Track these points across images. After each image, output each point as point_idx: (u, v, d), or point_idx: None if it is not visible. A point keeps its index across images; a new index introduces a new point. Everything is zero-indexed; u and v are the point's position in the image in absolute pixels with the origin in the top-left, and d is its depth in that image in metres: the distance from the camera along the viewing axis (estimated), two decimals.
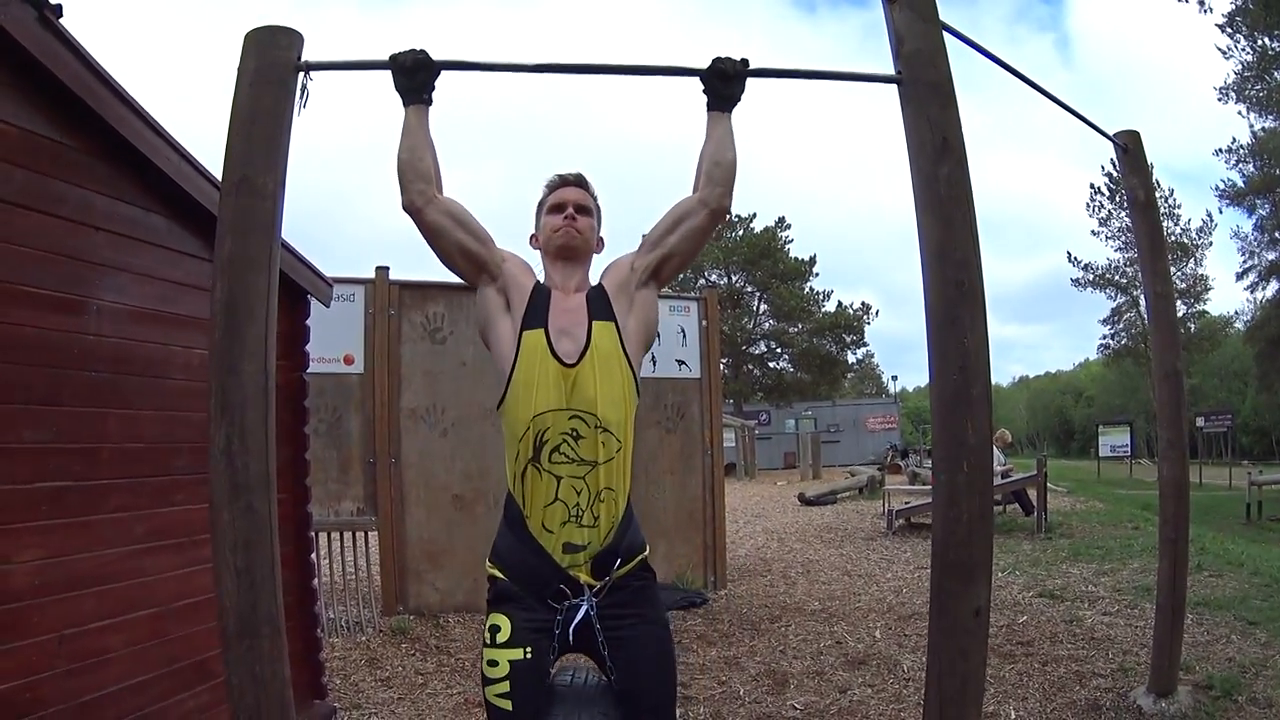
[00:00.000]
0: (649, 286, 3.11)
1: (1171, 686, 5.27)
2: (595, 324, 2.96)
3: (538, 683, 2.86)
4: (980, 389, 3.08)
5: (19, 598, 3.56)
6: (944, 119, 3.15)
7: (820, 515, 18.79)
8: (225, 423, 2.80)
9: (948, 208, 3.13)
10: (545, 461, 2.85)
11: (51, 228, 3.74)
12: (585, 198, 3.18)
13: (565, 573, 2.86)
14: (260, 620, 2.81)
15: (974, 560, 3.05)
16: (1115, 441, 37.30)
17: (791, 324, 47.71)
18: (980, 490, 3.08)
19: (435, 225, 2.98)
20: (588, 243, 3.15)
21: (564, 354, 2.89)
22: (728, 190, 3.05)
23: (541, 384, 2.87)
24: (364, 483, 8.54)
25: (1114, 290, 44.26)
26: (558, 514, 2.85)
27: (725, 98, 3.10)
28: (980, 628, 3.06)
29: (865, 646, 7.15)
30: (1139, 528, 13.86)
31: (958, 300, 3.10)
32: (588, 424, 2.85)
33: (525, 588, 2.89)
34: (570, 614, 2.85)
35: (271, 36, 2.98)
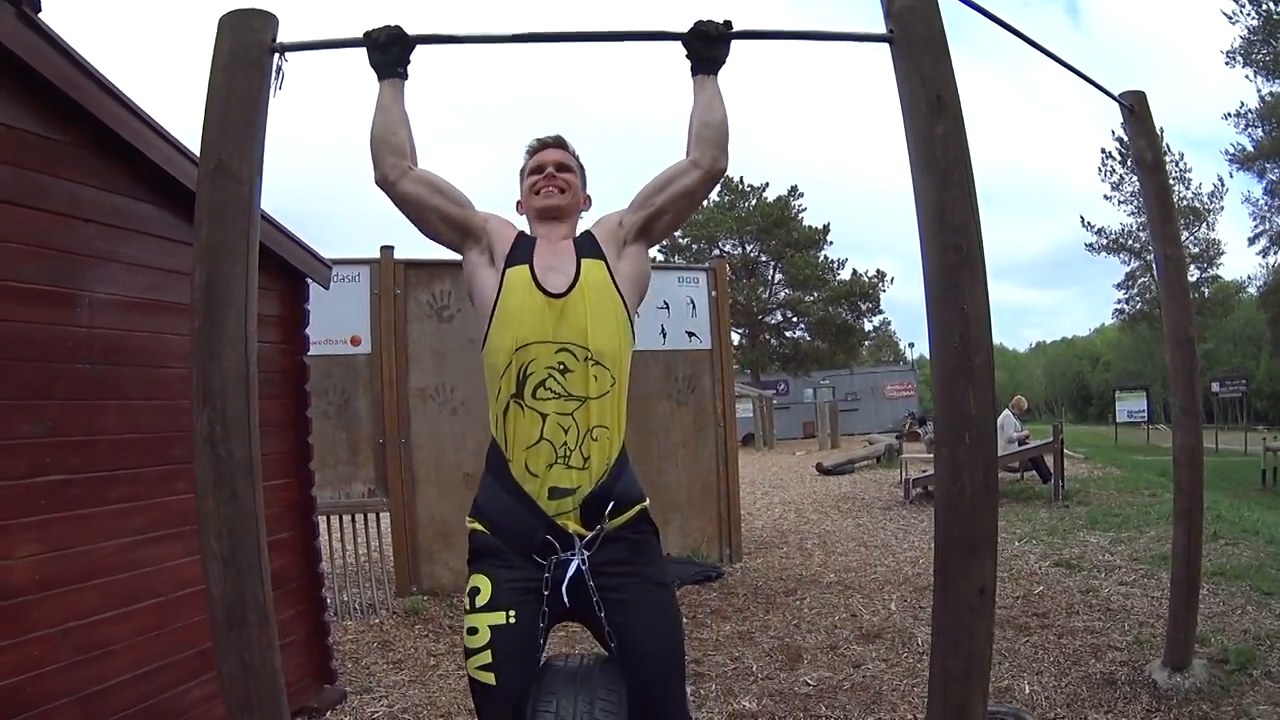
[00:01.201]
0: (639, 243, 3.03)
1: (1187, 660, 5.18)
2: (584, 260, 2.89)
3: (525, 652, 2.68)
4: (982, 358, 2.96)
5: (21, 593, 3.56)
6: (938, 76, 3.03)
7: (838, 485, 18.78)
8: (208, 410, 2.74)
9: (944, 169, 3.00)
10: (529, 398, 2.72)
11: (40, 222, 3.73)
12: (565, 156, 3.14)
13: (552, 521, 2.71)
14: (248, 608, 2.76)
15: (978, 536, 2.95)
16: (1132, 407, 37.02)
17: (807, 293, 47.53)
18: (984, 464, 2.97)
19: (410, 195, 2.92)
20: (572, 199, 3.10)
21: (551, 286, 2.80)
22: (721, 151, 2.97)
23: (526, 314, 2.77)
24: (374, 464, 8.53)
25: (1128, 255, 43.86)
26: (543, 455, 2.71)
27: (709, 60, 3.02)
28: (985, 606, 2.96)
29: (880, 619, 7.12)
30: (1156, 495, 13.74)
31: (956, 265, 2.98)
32: (577, 356, 2.74)
33: (508, 541, 2.75)
34: (560, 571, 2.69)
35: (245, 20, 2.91)
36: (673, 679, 2.77)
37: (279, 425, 5.20)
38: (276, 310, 5.28)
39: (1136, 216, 41.04)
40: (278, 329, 5.27)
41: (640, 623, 2.73)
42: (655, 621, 2.75)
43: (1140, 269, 43.24)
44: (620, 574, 2.74)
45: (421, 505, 8.69)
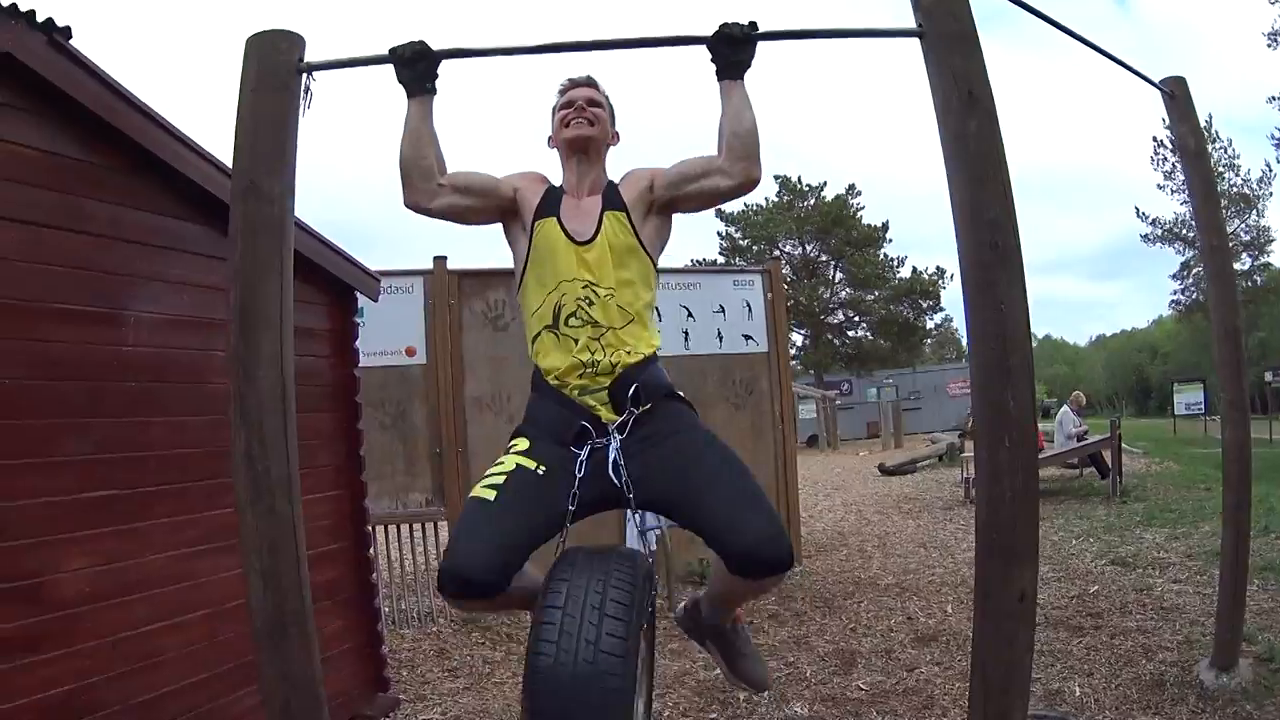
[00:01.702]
0: (663, 215, 3.15)
1: (1233, 660, 5.06)
2: (607, 213, 3.03)
3: (536, 503, 2.71)
4: (1020, 358, 2.90)
5: (72, 605, 3.64)
6: (969, 71, 2.98)
7: (900, 485, 18.65)
8: (245, 428, 2.79)
9: (977, 165, 2.96)
10: (561, 325, 2.93)
11: (82, 245, 3.80)
12: (594, 93, 3.21)
13: (585, 410, 2.86)
14: (288, 621, 2.79)
15: (1019, 542, 2.89)
16: (1190, 399, 36.16)
17: (868, 291, 47.19)
18: (1024, 466, 2.90)
19: (444, 209, 3.05)
20: (601, 133, 3.18)
21: (577, 234, 2.98)
22: (753, 160, 2.96)
23: (555, 258, 2.97)
24: (431, 473, 8.55)
25: (1182, 245, 42.79)
26: (575, 368, 2.90)
27: (735, 64, 2.99)
28: (1027, 613, 2.90)
29: (936, 622, 7.03)
30: (1211, 489, 13.33)
31: (993, 263, 2.92)
32: (599, 295, 2.92)
33: (547, 433, 2.88)
34: (597, 457, 2.79)
35: (271, 41, 2.95)
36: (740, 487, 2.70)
37: (330, 438, 5.23)
38: (325, 324, 5.32)
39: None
40: (327, 342, 5.32)
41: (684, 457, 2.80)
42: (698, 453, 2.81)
43: (1195, 259, 42.14)
44: (654, 441, 2.84)
45: None
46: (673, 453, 2.80)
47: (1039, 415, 4.36)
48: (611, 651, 2.34)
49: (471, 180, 3.08)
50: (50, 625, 3.54)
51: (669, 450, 2.81)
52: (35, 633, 3.49)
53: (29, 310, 3.56)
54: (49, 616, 3.55)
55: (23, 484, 3.50)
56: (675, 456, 2.79)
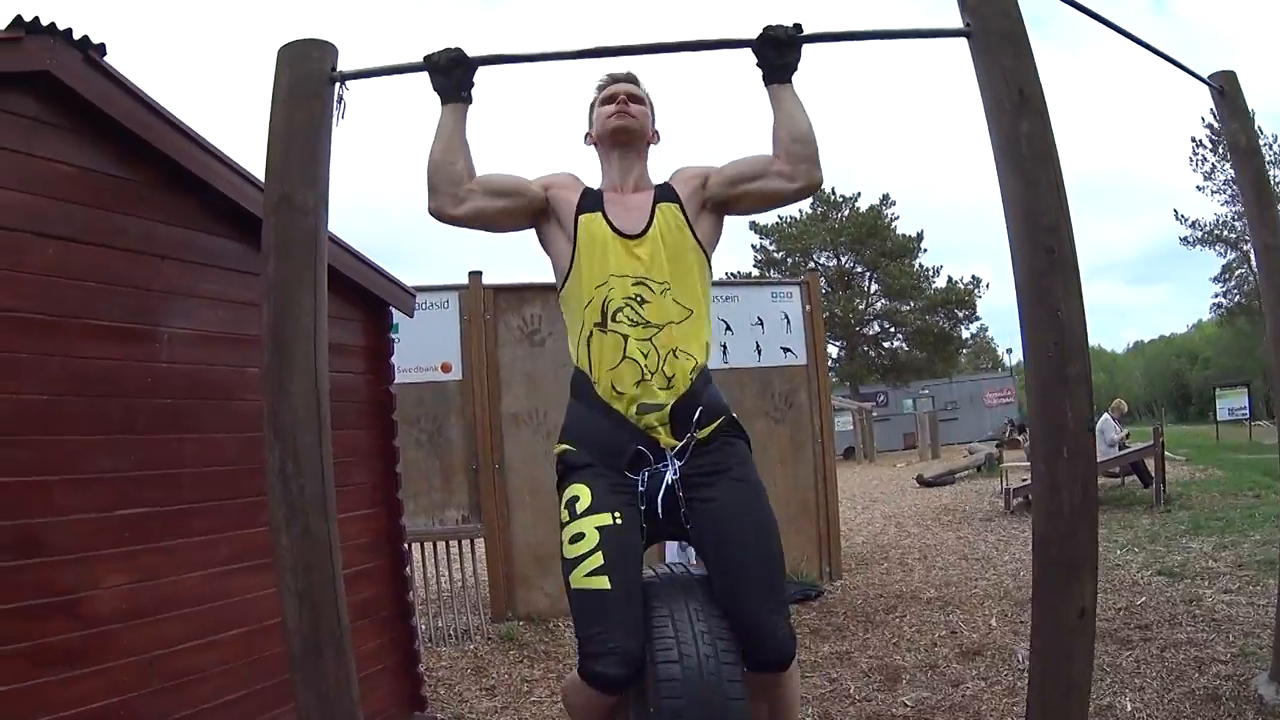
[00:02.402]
0: (716, 214, 3.04)
1: None
2: (660, 204, 2.92)
3: (634, 555, 2.65)
4: (1079, 367, 2.83)
5: (108, 621, 3.61)
6: (1020, 71, 2.91)
7: (939, 496, 18.45)
8: (279, 445, 2.74)
9: (1031, 168, 2.88)
10: (610, 323, 2.77)
11: (116, 260, 3.77)
12: (636, 89, 3.12)
13: (643, 433, 2.71)
14: (324, 642, 2.74)
15: (1078, 556, 2.80)
16: (1233, 404, 35.65)
17: (903, 302, 46.91)
18: (1083, 478, 2.82)
19: (473, 214, 2.92)
20: (643, 128, 3.07)
21: (626, 228, 2.86)
22: (814, 163, 2.89)
23: (603, 254, 2.82)
24: (468, 490, 8.53)
25: (1223, 246, 42.25)
26: (628, 374, 2.74)
27: (781, 67, 2.92)
28: (1086, 629, 2.81)
29: (980, 636, 6.90)
30: (1260, 496, 13.27)
31: (1048, 269, 2.85)
32: (653, 289, 2.79)
33: (600, 456, 2.75)
34: (654, 482, 2.68)
35: (303, 50, 2.91)
36: (772, 579, 2.71)
37: (366, 455, 5.20)
38: (361, 340, 5.29)
39: (1231, 206, 39.50)
40: (362, 359, 5.28)
41: (730, 520, 2.69)
42: (745, 516, 2.72)
43: (1237, 260, 41.64)
44: (709, 477, 2.72)
45: (516, 531, 8.64)
46: (725, 499, 2.71)
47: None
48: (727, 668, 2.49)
49: (500, 182, 2.97)
50: (87, 641, 3.51)
51: (722, 494, 2.71)
52: (73, 647, 3.45)
53: (64, 326, 3.53)
54: (86, 632, 3.51)
55: (61, 500, 3.46)
56: (726, 505, 2.70)
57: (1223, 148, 37.46)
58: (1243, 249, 40.10)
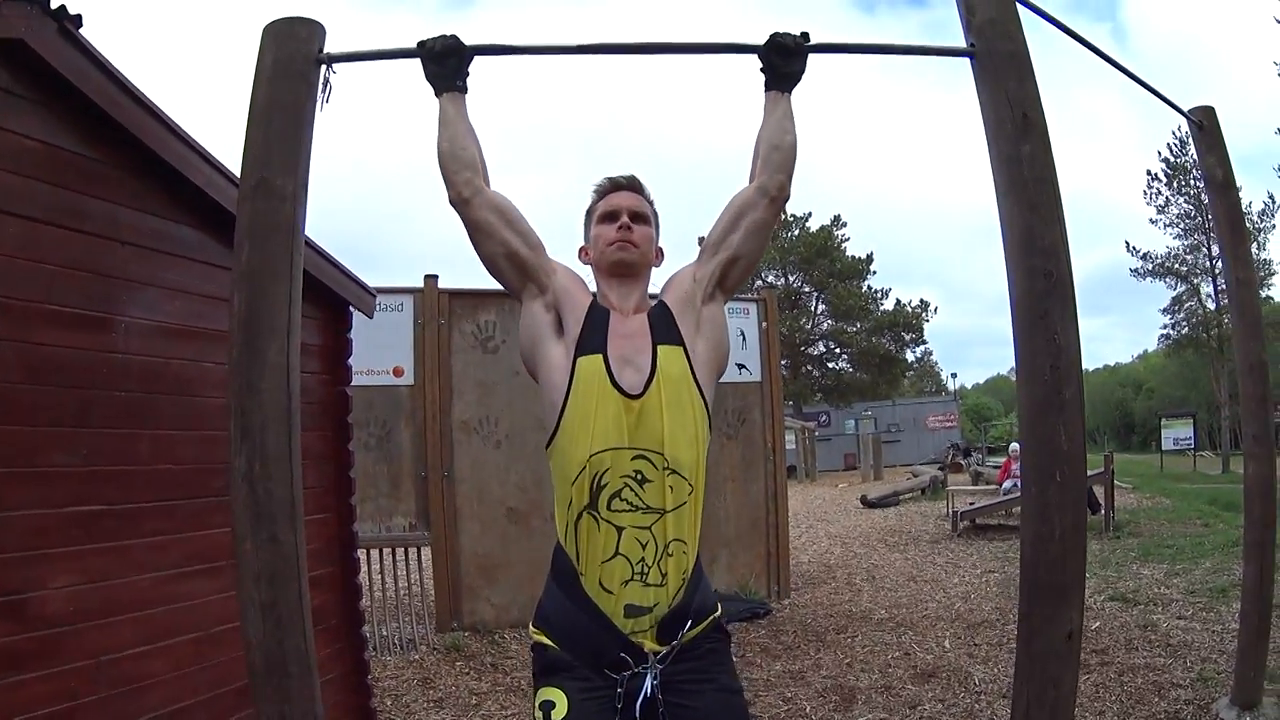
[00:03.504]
0: (715, 300, 2.74)
1: (1256, 698, 4.94)
2: (661, 348, 2.57)
3: None
4: (1073, 391, 2.77)
5: (57, 623, 3.45)
6: (1023, 93, 2.86)
7: (883, 518, 18.51)
8: (246, 447, 2.58)
9: (1032, 191, 2.83)
10: (604, 509, 2.46)
11: (78, 244, 3.61)
12: (640, 203, 2.79)
13: (627, 639, 2.47)
14: (289, 658, 2.59)
15: (1068, 579, 2.75)
16: (1178, 434, 36.31)
17: (850, 323, 47.16)
18: (1074, 502, 2.78)
19: (481, 222, 2.64)
20: (646, 256, 2.76)
21: (627, 384, 2.50)
22: (788, 176, 2.73)
23: (600, 418, 2.48)
24: (416, 497, 8.39)
25: (1174, 279, 42.83)
26: (618, 571, 2.46)
27: (785, 76, 2.79)
28: (1073, 653, 2.76)
29: (934, 658, 6.87)
30: (1208, 525, 13.55)
31: (1047, 293, 2.79)
32: (655, 465, 2.47)
33: (580, 656, 2.51)
34: (634, 683, 2.45)
35: (290, 29, 2.77)
36: None
37: (320, 458, 5.05)
38: (319, 339, 5.14)
39: (1183, 239, 40.13)
40: (320, 359, 5.14)
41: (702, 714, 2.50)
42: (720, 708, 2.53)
43: (1187, 293, 42.26)
44: (692, 685, 2.52)
45: (464, 540, 8.51)
46: (709, 711, 2.52)
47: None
48: None
49: (519, 220, 2.70)
50: (34, 644, 3.35)
51: (707, 705, 2.52)
52: (19, 650, 3.30)
53: (23, 310, 3.37)
54: (33, 634, 3.35)
55: (9, 495, 3.30)
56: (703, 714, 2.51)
57: (1177, 182, 38.04)
58: (1193, 282, 40.71)
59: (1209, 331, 39.15)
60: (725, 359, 2.75)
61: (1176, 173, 38.50)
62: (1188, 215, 38.70)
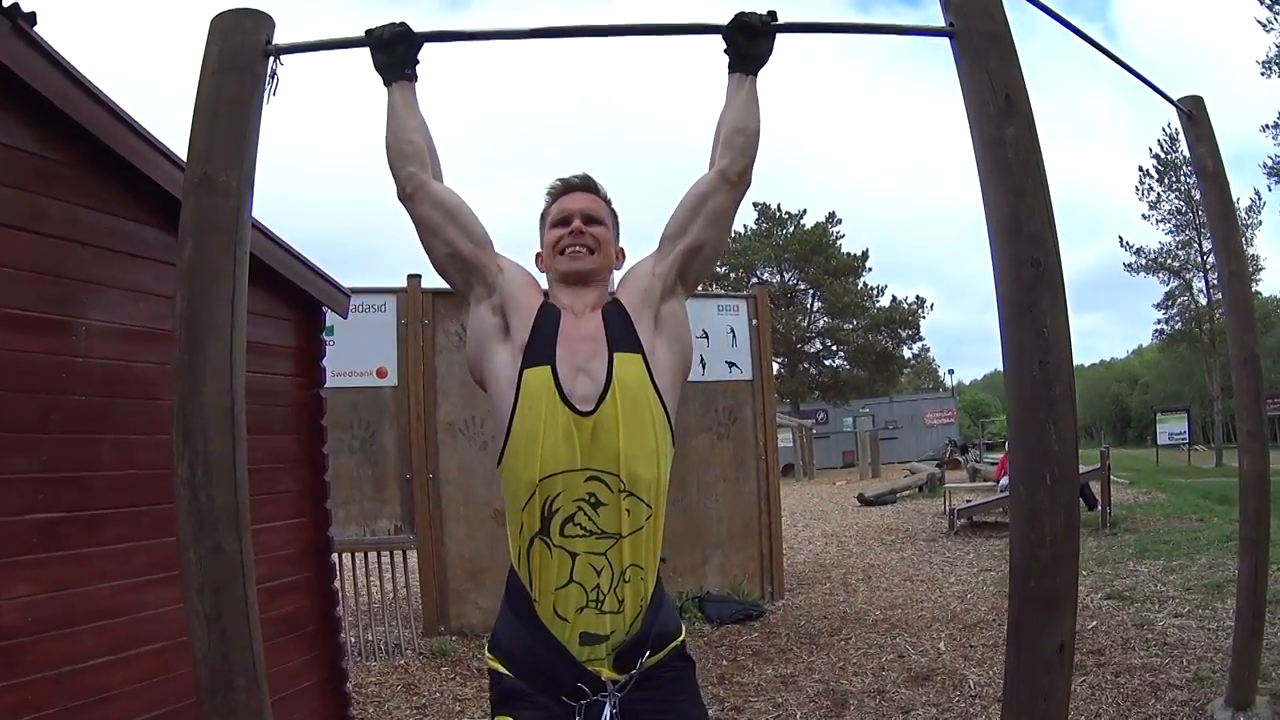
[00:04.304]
0: (676, 295, 2.59)
1: (1250, 698, 4.83)
2: (617, 356, 2.41)
3: None
4: (1063, 386, 2.62)
5: (13, 635, 3.34)
6: (1005, 73, 2.72)
7: (880, 516, 18.42)
8: (188, 452, 2.47)
9: (1016, 175, 2.68)
10: (556, 535, 2.34)
11: (35, 245, 3.50)
12: (595, 204, 2.65)
13: (583, 668, 2.35)
14: (234, 671, 2.47)
15: (1059, 587, 2.61)
16: (1173, 429, 36.16)
17: (846, 320, 47.16)
18: (1065, 505, 2.62)
19: (424, 218, 2.53)
20: (603, 260, 2.61)
21: (578, 399, 2.35)
22: (750, 162, 2.58)
23: (549, 436, 2.33)
24: (401, 500, 8.29)
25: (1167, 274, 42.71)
26: (573, 598, 2.34)
27: (751, 58, 2.64)
28: (1065, 664, 2.62)
29: (929, 660, 6.76)
30: (1204, 519, 13.46)
31: (1034, 282, 2.64)
32: (610, 488, 2.32)
33: (534, 684, 2.39)
34: (592, 713, 2.34)
35: (236, 20, 2.65)
36: None
37: (294, 462, 4.94)
38: (291, 341, 5.02)
39: (1175, 235, 40.09)
40: (292, 360, 5.02)
41: None
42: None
43: (1179, 288, 42.20)
44: (653, 713, 2.41)
45: (450, 543, 8.41)
46: None
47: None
48: None
49: (464, 214, 2.56)
50: None
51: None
52: None
53: None
54: None
55: None
56: None
57: (1169, 178, 37.99)
58: (1185, 277, 40.72)
59: (1201, 326, 39.19)
60: (689, 359, 2.63)
61: (1168, 169, 38.57)
62: (1179, 211, 38.80)
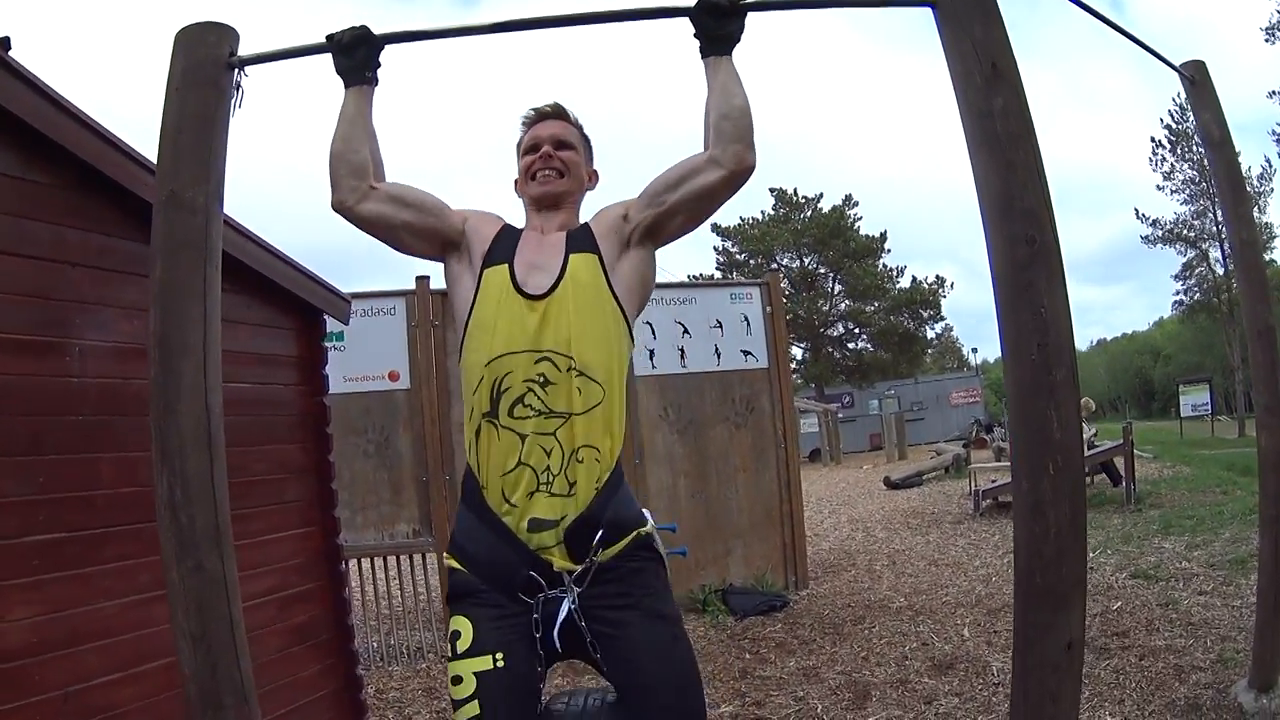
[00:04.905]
0: (644, 247, 2.65)
1: (1273, 679, 4.70)
2: (573, 256, 2.54)
3: (519, 699, 2.34)
4: (1065, 371, 2.50)
5: (17, 656, 3.33)
6: (990, 41, 2.61)
7: (906, 499, 18.32)
8: (167, 471, 2.46)
9: (1006, 148, 2.56)
10: (504, 416, 2.38)
11: (24, 268, 3.49)
12: (564, 130, 2.77)
13: (534, 555, 2.36)
14: (222, 689, 2.46)
15: (1066, 583, 2.52)
16: (1196, 400, 35.82)
17: (867, 303, 46.93)
18: (1071, 495, 2.50)
19: (371, 216, 2.62)
20: (573, 182, 2.75)
21: (531, 286, 2.47)
22: (745, 145, 2.53)
23: (502, 321, 2.45)
24: (418, 503, 8.25)
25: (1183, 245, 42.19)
26: (523, 482, 2.37)
27: (721, 39, 2.60)
28: (1074, 663, 2.52)
29: (953, 647, 6.69)
30: (1227, 492, 13.24)
31: (1029, 261, 2.52)
32: (559, 367, 2.39)
33: (487, 579, 2.40)
34: (549, 608, 2.35)
35: (199, 34, 2.63)
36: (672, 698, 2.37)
37: (300, 471, 4.93)
38: (293, 350, 5.01)
39: (1190, 205, 39.64)
40: (294, 370, 5.00)
41: (643, 663, 2.37)
42: (659, 660, 2.39)
43: (1196, 259, 41.74)
44: (615, 609, 2.39)
45: None
46: (636, 640, 2.39)
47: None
48: None
49: (413, 196, 2.66)
50: None
51: (634, 635, 2.39)
52: None
53: None
54: None
55: None
56: (639, 647, 2.38)
57: (1181, 148, 37.63)
58: (1201, 247, 40.36)
59: (1219, 296, 38.82)
60: (648, 292, 2.70)
61: (1180, 138, 38.17)
62: (1193, 181, 38.40)
